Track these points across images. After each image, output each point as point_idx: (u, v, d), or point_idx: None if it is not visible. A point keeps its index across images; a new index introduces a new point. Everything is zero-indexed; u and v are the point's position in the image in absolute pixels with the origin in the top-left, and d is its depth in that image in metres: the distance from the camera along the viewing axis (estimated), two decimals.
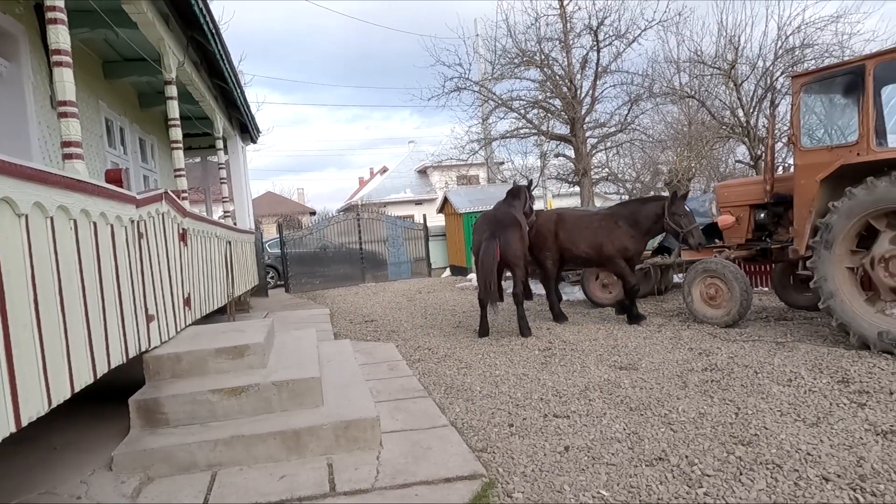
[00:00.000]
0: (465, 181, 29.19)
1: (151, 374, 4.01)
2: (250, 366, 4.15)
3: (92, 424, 4.00)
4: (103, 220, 3.42)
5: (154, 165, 9.65)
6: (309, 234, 17.85)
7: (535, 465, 3.38)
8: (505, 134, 19.01)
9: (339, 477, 3.22)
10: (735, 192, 7.53)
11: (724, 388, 4.57)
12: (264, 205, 38.81)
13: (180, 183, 5.85)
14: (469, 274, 15.53)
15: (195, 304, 5.55)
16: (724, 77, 16.97)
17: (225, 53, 7.05)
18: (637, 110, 18.24)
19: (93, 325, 3.13)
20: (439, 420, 4.14)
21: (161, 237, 4.61)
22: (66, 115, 3.26)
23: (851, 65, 5.81)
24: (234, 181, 11.00)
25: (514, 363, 5.88)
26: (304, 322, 8.56)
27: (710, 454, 3.36)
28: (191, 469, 3.35)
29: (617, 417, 4.09)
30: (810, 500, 2.75)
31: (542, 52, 17.14)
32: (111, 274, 3.47)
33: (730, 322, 6.89)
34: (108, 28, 5.69)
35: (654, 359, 5.64)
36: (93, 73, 7.10)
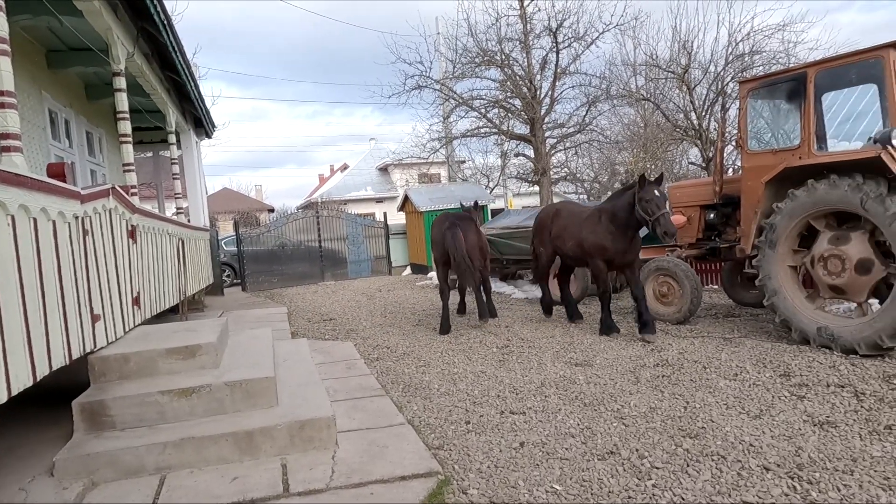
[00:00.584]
0: (426, 179, 29.21)
1: (97, 375, 3.87)
2: (202, 366, 4.06)
3: (32, 429, 3.84)
4: (44, 216, 3.28)
5: (102, 160, 9.31)
6: (267, 232, 17.52)
7: (490, 461, 3.41)
8: (466, 133, 19.11)
9: (294, 477, 3.18)
10: (686, 192, 7.76)
11: (675, 383, 4.71)
12: (221, 201, 37.91)
13: (129, 178, 5.67)
14: (429, 272, 15.53)
15: (145, 303, 5.38)
16: (677, 81, 17.47)
17: (177, 45, 6.85)
18: (595, 111, 18.62)
19: (32, 324, 3.00)
20: (396, 418, 4.14)
21: (108, 234, 4.45)
22: (3, 105, 3.11)
23: (794, 72, 6.06)
24: (188, 177, 10.71)
25: (473, 361, 5.92)
26: (261, 321, 8.40)
27: (660, 447, 3.46)
28: (138, 473, 3.25)
29: (571, 413, 4.17)
30: (751, 489, 2.87)
31: (502, 52, 17.29)
32: (53, 272, 3.33)
33: (681, 319, 7.10)
34: (51, 16, 5.46)
35: (608, 355, 5.77)
36: (35, 63, 6.79)
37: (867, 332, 5.06)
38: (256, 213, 36.67)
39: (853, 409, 3.90)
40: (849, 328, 5.26)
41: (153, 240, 5.98)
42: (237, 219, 19.61)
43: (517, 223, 11.83)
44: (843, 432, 3.51)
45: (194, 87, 8.74)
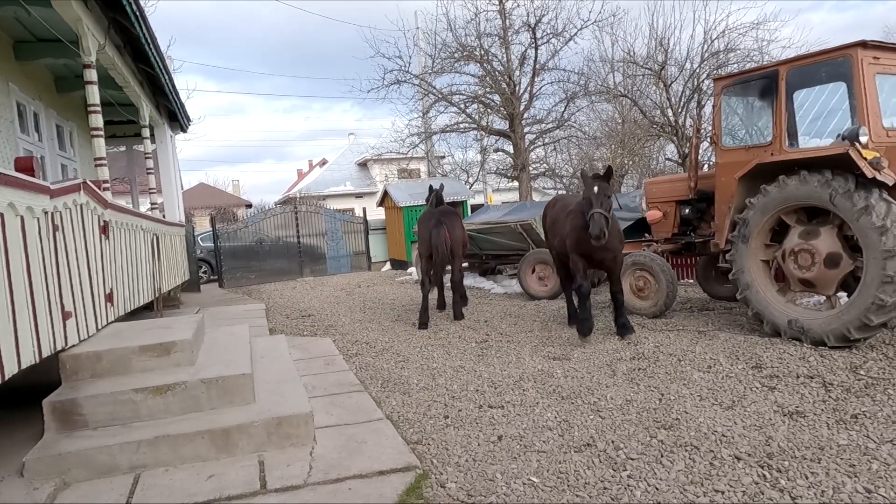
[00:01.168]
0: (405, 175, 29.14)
1: (69, 373, 3.79)
2: (177, 363, 4.00)
3: (3, 429, 3.75)
4: (12, 210, 3.20)
5: (73, 154, 9.10)
6: (244, 228, 17.33)
7: (468, 455, 3.44)
8: (445, 128, 19.11)
9: (271, 474, 3.16)
10: (662, 188, 7.87)
11: (650, 376, 4.78)
12: (197, 197, 37.35)
13: (101, 173, 5.55)
14: (409, 268, 15.52)
15: (118, 300, 5.29)
16: (654, 77, 17.67)
17: (151, 37, 6.71)
18: (573, 107, 18.77)
19: (0, 322, 2.93)
20: (375, 414, 4.14)
21: (79, 230, 4.35)
22: None
23: (766, 70, 6.17)
24: (163, 172, 10.53)
25: (452, 355, 5.94)
26: (238, 318, 8.32)
27: (635, 439, 3.52)
28: (112, 472, 3.21)
29: (549, 406, 4.21)
30: (723, 479, 2.93)
31: (481, 48, 17.31)
32: (21, 268, 3.25)
33: (657, 312, 7.20)
34: (17, 5, 5.31)
35: (585, 349, 5.83)
36: (1, 54, 6.60)
37: (835, 324, 5.19)
38: (234, 209, 36.21)
39: (821, 399, 4.00)
40: (818, 321, 5.39)
41: (127, 236, 5.87)
42: (214, 214, 19.35)
43: (496, 218, 11.86)
44: (812, 422, 3.60)
45: (168, 80, 8.58)
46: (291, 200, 28.54)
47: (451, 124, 18.94)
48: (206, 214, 29.32)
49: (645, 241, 8.09)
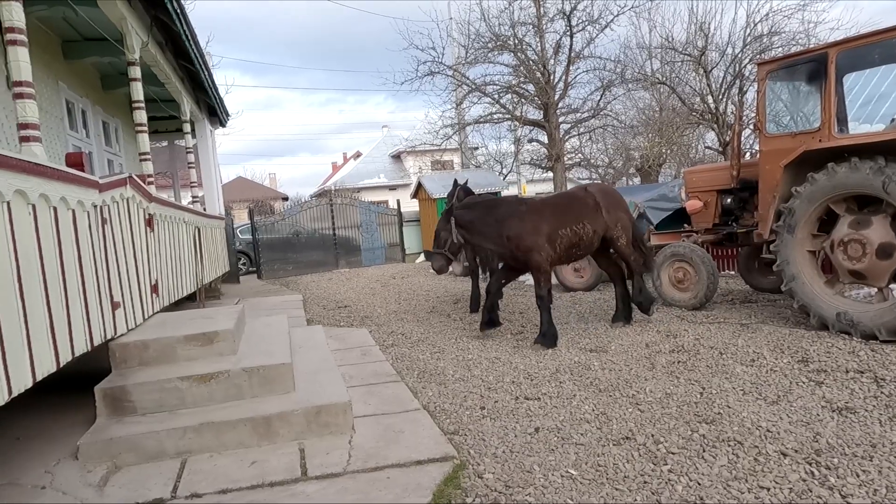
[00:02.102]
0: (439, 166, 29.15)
1: (118, 361, 3.93)
2: (220, 352, 4.11)
3: (56, 414, 3.92)
4: (64, 204, 3.33)
5: (119, 149, 9.40)
6: (281, 220, 17.63)
7: (505, 446, 3.43)
8: (478, 119, 19.00)
9: (311, 462, 3.22)
10: (703, 177, 7.67)
11: (690, 369, 4.69)
12: (235, 190, 38.14)
13: (146, 167, 5.72)
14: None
15: (163, 290, 5.45)
16: (694, 64, 17.21)
17: (191, 34, 6.86)
18: (609, 96, 18.42)
19: (55, 312, 3.05)
20: (411, 404, 4.17)
21: (126, 223, 4.50)
22: (21, 95, 3.14)
23: (814, 53, 5.93)
24: (203, 166, 10.78)
25: (487, 347, 5.93)
26: (276, 308, 8.48)
27: (675, 433, 3.45)
28: (159, 457, 3.32)
29: (586, 399, 4.17)
30: (768, 475, 2.86)
31: (515, 37, 17.12)
32: (73, 260, 3.38)
33: (697, 305, 7.05)
34: (66, 6, 5.49)
35: (623, 341, 5.75)
36: (51, 53, 6.85)
37: (888, 317, 4.99)
38: (271, 202, 36.87)
39: (873, 394, 3.85)
40: (869, 313, 5.18)
41: (170, 228, 6.04)
42: (252, 207, 19.72)
43: None
44: (863, 418, 3.47)
45: (208, 75, 8.77)
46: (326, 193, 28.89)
47: (484, 115, 18.83)
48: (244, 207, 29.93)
49: (684, 232, 7.92)
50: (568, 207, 6.29)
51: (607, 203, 6.36)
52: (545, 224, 6.03)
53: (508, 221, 6.05)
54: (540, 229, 6.00)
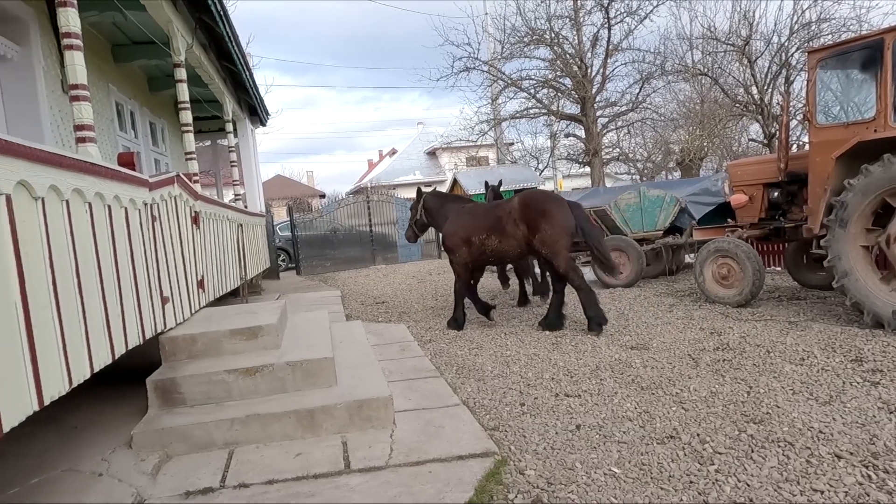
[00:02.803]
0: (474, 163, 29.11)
1: (168, 354, 4.07)
2: (264, 346, 4.20)
3: (111, 404, 4.08)
4: (117, 203, 3.45)
5: (165, 149, 9.69)
6: (319, 217, 17.90)
7: (546, 443, 3.41)
8: (514, 114, 18.90)
9: (354, 455, 3.27)
10: (748, 170, 7.44)
11: (736, 368, 4.57)
12: (274, 188, 38.89)
13: (191, 166, 5.88)
14: None
15: (209, 286, 5.60)
16: (737, 54, 16.71)
17: (233, 35, 7.02)
18: (648, 89, 18.09)
19: (110, 306, 3.17)
20: (451, 399, 4.18)
21: (174, 220, 4.64)
22: (78, 98, 3.27)
23: (869, 39, 5.68)
24: (244, 164, 11.02)
25: (525, 344, 5.90)
26: (316, 304, 8.62)
27: (722, 432, 3.37)
28: (208, 447, 3.41)
29: (628, 396, 4.11)
30: (822, 477, 2.76)
31: (552, 31, 16.94)
32: (126, 256, 3.51)
33: (742, 302, 6.86)
34: (116, 11, 5.69)
35: (665, 338, 5.64)
36: (102, 57, 7.10)
37: None
38: (309, 199, 37.47)
39: None
40: None
41: (215, 225, 6.20)
42: (291, 205, 20.09)
43: None
44: None
45: (249, 76, 8.96)
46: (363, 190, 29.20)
47: (520, 110, 18.72)
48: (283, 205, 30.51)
49: (728, 227, 7.71)
50: (484, 217, 6.67)
51: (528, 216, 6.28)
52: (464, 229, 6.71)
53: (448, 218, 6.96)
54: (458, 233, 6.74)
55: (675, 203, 9.36)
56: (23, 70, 5.16)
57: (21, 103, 5.15)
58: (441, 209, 7.18)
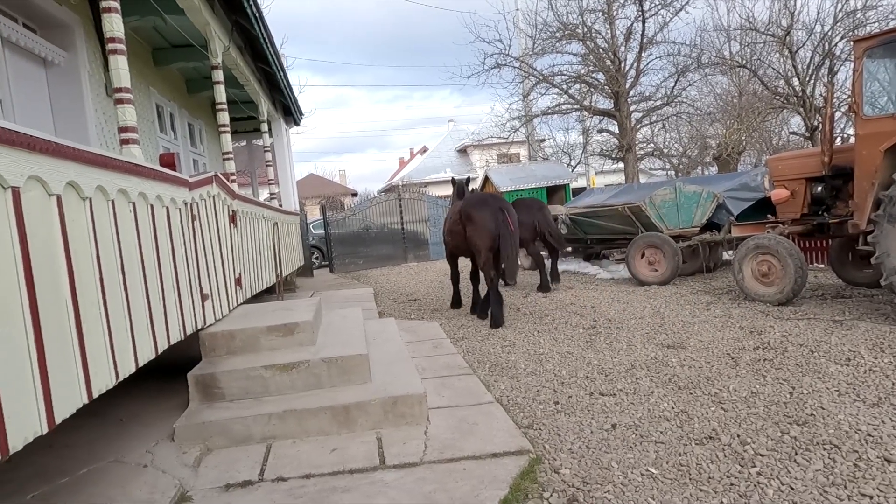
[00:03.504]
0: (505, 160, 28.97)
1: (207, 350, 4.17)
2: (300, 343, 4.27)
3: (154, 398, 4.20)
4: (159, 202, 3.55)
5: (202, 149, 9.92)
6: (351, 215, 18.08)
7: (581, 442, 3.38)
8: (546, 110, 18.74)
9: (389, 451, 3.30)
10: (790, 164, 7.22)
11: (778, 368, 4.44)
12: (307, 187, 39.41)
13: (229, 166, 6.00)
14: None
15: (246, 283, 5.72)
16: (778, 44, 16.21)
17: (268, 37, 7.14)
18: (684, 82, 17.71)
19: (153, 303, 3.27)
20: (485, 397, 4.18)
21: (213, 219, 4.75)
22: (122, 101, 3.37)
23: None
24: (279, 163, 11.21)
25: (559, 342, 5.86)
26: (349, 301, 8.71)
27: (764, 434, 3.29)
28: (247, 441, 3.49)
29: (665, 396, 4.04)
30: (870, 482, 2.67)
31: (584, 25, 16.73)
32: (168, 254, 3.61)
33: (783, 300, 6.67)
34: (156, 15, 5.84)
35: (702, 337, 5.53)
36: (143, 61, 7.31)
37: None
38: (341, 198, 37.88)
39: None
40: None
41: (251, 224, 6.33)
42: (324, 203, 20.34)
43: (602, 201, 11.51)
44: None
45: (283, 76, 9.10)
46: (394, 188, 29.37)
47: (552, 106, 18.54)
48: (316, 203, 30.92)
49: (768, 223, 7.50)
50: (452, 214, 7.57)
51: (462, 216, 7.10)
52: (446, 224, 7.93)
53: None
54: (444, 227, 8.00)
55: (712, 199, 9.15)
56: (69, 74, 5.34)
57: (68, 106, 5.33)
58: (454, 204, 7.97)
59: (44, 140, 2.27)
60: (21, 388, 2.00)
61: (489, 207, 6.89)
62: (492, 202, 7.04)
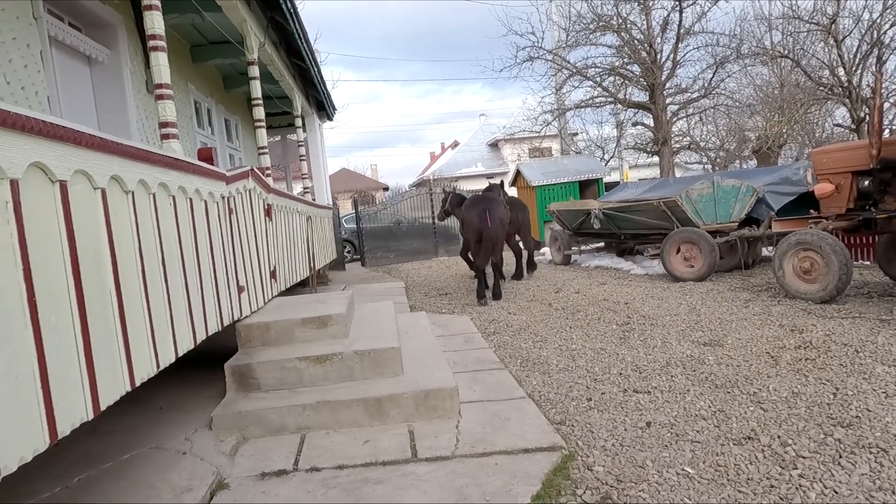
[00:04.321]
0: (537, 154, 28.73)
1: (243, 341, 4.25)
2: (333, 335, 4.32)
3: (192, 387, 4.31)
4: (198, 196, 3.63)
5: (238, 144, 10.10)
6: (383, 210, 18.18)
7: (615, 439, 3.34)
8: (579, 103, 18.49)
9: (420, 444, 3.31)
10: (835, 157, 6.97)
11: (821, 367, 4.30)
12: (339, 181, 39.80)
13: (264, 160, 6.09)
14: (542, 247, 15.35)
15: (280, 276, 5.81)
16: (822, 33, 15.63)
17: (303, 33, 7.21)
18: (723, 73, 17.26)
19: (192, 294, 3.34)
20: (516, 392, 4.16)
21: (249, 212, 4.83)
22: (162, 97, 3.45)
23: None
24: (312, 158, 11.34)
25: (591, 337, 5.79)
26: (381, 295, 8.78)
27: (805, 435, 3.19)
28: (281, 431, 3.55)
29: (701, 394, 3.95)
30: None
31: (619, 16, 16.43)
32: (206, 247, 3.69)
33: (826, 297, 6.45)
34: (195, 12, 5.96)
35: (740, 335, 5.39)
36: (182, 58, 7.47)
37: None
38: (373, 192, 38.14)
39: None
40: None
41: (286, 217, 6.42)
42: (355, 197, 20.51)
43: (636, 196, 11.32)
44: None
45: (317, 72, 9.18)
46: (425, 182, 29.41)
47: (585, 99, 18.29)
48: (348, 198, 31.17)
49: (811, 218, 7.26)
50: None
51: (463, 216, 8.72)
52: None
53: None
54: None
55: (751, 193, 8.91)
56: (112, 71, 5.50)
57: (111, 103, 5.49)
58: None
59: (90, 135, 2.34)
60: (69, 375, 2.07)
61: (476, 207, 8.22)
62: (480, 203, 8.31)
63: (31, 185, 1.99)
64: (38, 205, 2.02)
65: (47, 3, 4.64)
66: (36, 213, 2.00)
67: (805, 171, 8.59)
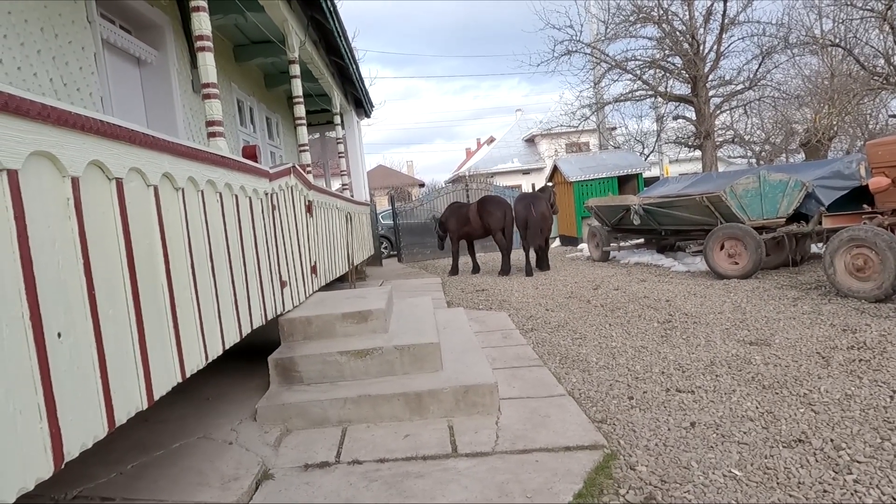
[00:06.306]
0: (574, 149, 28.37)
1: (286, 335, 4.34)
2: (373, 330, 4.36)
3: (237, 379, 4.42)
4: (243, 192, 3.71)
5: (279, 142, 10.29)
6: (419, 206, 18.26)
7: (658, 439, 3.28)
8: (618, 97, 18.17)
9: (460, 439, 3.32)
10: (891, 150, 6.66)
11: (876, 369, 4.13)
12: (376, 178, 40.16)
13: (304, 158, 6.19)
14: (580, 244, 15.17)
15: (320, 271, 5.90)
16: (878, 20, 14.93)
17: (342, 31, 7.29)
18: (769, 64, 16.70)
19: (237, 289, 3.43)
20: (556, 389, 4.13)
21: (290, 209, 4.92)
22: (209, 96, 3.54)
23: None
24: (350, 155, 11.46)
25: (632, 335, 5.70)
26: (419, 290, 8.83)
27: (860, 439, 3.07)
28: (323, 424, 3.61)
29: (748, 395, 3.85)
30: None
31: (660, 7, 16.06)
32: (251, 243, 3.77)
33: (881, 296, 6.19)
34: (238, 13, 6.09)
35: (789, 335, 5.22)
36: (226, 57, 7.64)
37: None
38: (409, 188, 38.35)
39: None
40: None
41: (325, 214, 6.51)
42: (392, 194, 20.66)
43: (678, 191, 11.07)
44: None
45: (356, 69, 9.27)
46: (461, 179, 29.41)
47: (625, 93, 17.95)
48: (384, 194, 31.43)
49: (866, 214, 6.97)
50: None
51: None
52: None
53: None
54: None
55: (800, 188, 8.59)
56: (160, 72, 5.67)
57: (159, 102, 5.66)
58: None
59: (143, 134, 2.42)
60: (125, 366, 2.15)
61: (523, 201, 10.75)
62: (528, 198, 10.85)
63: (90, 183, 2.07)
64: (96, 201, 2.10)
65: (100, 7, 4.81)
66: (94, 210, 2.08)
67: (858, 165, 8.25)
